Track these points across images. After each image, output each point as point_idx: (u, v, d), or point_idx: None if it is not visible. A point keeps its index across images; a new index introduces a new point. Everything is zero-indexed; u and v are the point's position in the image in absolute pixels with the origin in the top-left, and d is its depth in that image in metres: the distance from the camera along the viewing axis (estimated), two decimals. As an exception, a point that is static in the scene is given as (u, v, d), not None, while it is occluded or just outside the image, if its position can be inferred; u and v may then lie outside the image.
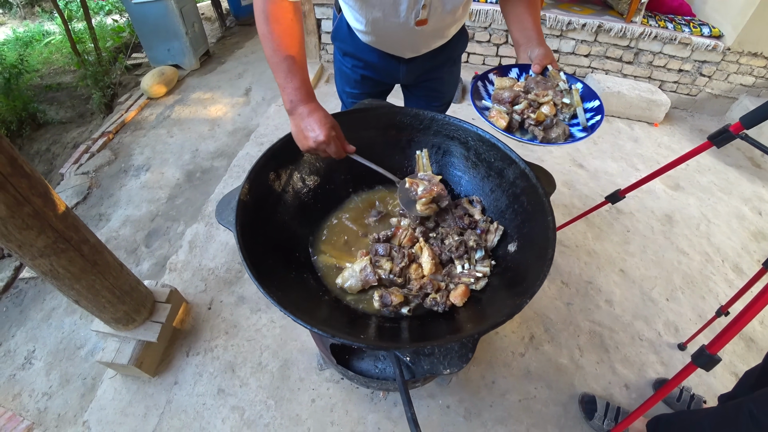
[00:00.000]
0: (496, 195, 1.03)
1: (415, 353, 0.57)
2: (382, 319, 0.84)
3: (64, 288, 1.36)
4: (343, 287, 0.89)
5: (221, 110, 3.26)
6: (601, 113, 0.95)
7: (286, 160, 0.99)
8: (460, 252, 0.88)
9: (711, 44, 3.07)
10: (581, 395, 1.55)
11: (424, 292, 0.84)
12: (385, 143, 1.12)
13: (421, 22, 1.02)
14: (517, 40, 1.05)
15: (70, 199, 2.66)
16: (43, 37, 5.64)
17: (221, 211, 0.83)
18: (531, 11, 1.02)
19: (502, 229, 0.95)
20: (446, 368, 0.56)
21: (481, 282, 0.87)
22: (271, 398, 1.54)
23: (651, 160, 2.89)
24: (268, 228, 0.89)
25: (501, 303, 0.80)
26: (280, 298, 0.69)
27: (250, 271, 0.71)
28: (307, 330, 0.96)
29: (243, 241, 0.77)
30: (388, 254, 0.91)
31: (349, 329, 0.78)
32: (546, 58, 0.99)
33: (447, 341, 0.57)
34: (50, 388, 1.77)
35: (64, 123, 4.14)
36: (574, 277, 2.01)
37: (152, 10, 3.38)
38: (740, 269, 2.23)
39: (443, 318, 0.83)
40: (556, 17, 3.10)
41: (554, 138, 0.93)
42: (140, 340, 1.61)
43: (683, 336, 1.83)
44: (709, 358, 0.94)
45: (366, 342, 0.59)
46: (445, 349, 0.57)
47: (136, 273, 2.20)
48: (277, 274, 0.81)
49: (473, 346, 0.58)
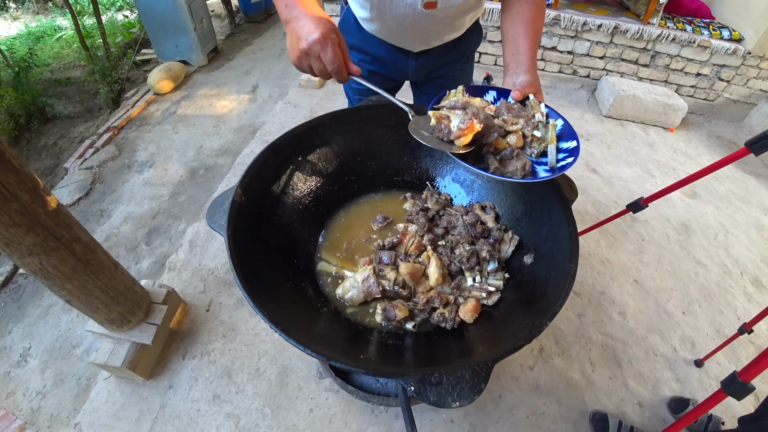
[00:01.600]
0: (511, 201, 0.96)
1: (421, 382, 0.50)
2: (385, 335, 0.77)
3: (55, 288, 1.31)
4: (344, 298, 0.82)
5: (227, 107, 3.22)
6: (576, 155, 0.77)
7: (287, 159, 0.93)
8: (471, 263, 0.81)
9: (731, 48, 2.96)
10: (592, 413, 1.48)
11: (431, 306, 0.78)
12: (394, 143, 1.05)
13: (429, 5, 0.94)
14: (506, 64, 0.92)
15: (72, 194, 2.63)
16: (55, 32, 5.67)
17: (213, 214, 0.77)
18: (528, 34, 0.91)
19: (517, 239, 0.87)
20: (455, 400, 0.49)
21: (493, 297, 0.80)
22: (268, 406, 1.48)
23: (666, 166, 2.79)
24: (265, 232, 0.83)
25: (516, 322, 0.73)
26: (271, 312, 0.62)
27: (239, 280, 0.65)
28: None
29: (234, 246, 0.71)
30: (393, 263, 0.85)
31: (348, 347, 0.72)
32: (530, 87, 0.85)
33: (456, 367, 0.50)
34: (44, 387, 1.73)
35: (72, 117, 4.14)
36: (587, 287, 1.93)
37: (160, 5, 3.36)
38: (760, 282, 2.13)
39: (451, 336, 0.76)
40: (571, 17, 3.01)
41: (510, 172, 0.76)
42: (135, 342, 1.56)
43: (700, 352, 1.74)
44: (742, 386, 0.86)
45: (365, 366, 0.52)
46: (455, 378, 0.50)
47: (136, 271, 2.17)
48: (272, 283, 0.75)
49: (486, 375, 0.51)
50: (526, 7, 0.94)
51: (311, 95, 3.07)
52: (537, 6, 0.94)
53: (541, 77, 3.44)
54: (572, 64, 3.26)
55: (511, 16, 0.96)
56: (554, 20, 3.05)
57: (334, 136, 0.99)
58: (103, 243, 2.29)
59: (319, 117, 0.97)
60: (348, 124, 0.98)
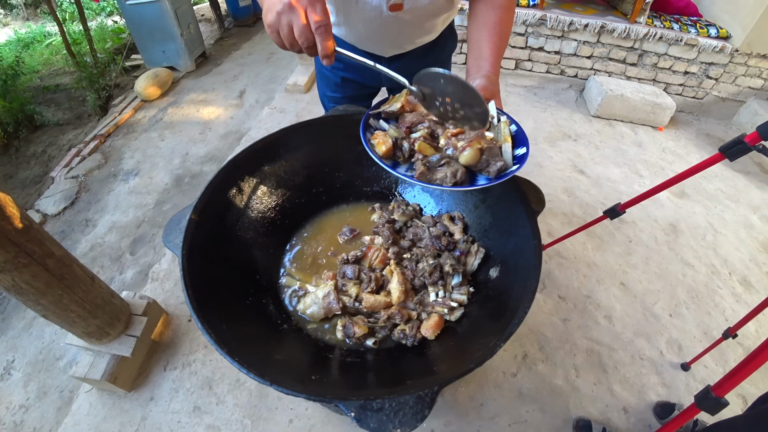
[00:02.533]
0: (479, 212, 0.95)
1: (362, 408, 0.49)
2: (345, 353, 0.76)
3: (29, 303, 1.29)
4: (305, 314, 0.81)
5: (214, 113, 3.21)
6: (522, 163, 0.73)
7: (251, 172, 0.92)
8: (435, 278, 0.79)
9: (718, 45, 2.95)
10: (576, 419, 1.46)
11: (392, 323, 0.76)
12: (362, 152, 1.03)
13: (395, 7, 0.92)
14: (468, 69, 0.89)
15: (58, 204, 2.61)
16: (44, 38, 5.64)
17: (169, 232, 0.76)
18: (492, 39, 0.88)
19: (483, 251, 0.86)
20: (397, 427, 0.47)
21: (456, 312, 0.78)
22: (248, 417, 1.47)
23: (655, 165, 2.78)
24: (225, 249, 0.82)
25: (480, 338, 0.71)
26: (221, 333, 0.61)
27: (190, 300, 0.64)
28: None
29: (188, 265, 0.70)
30: (357, 277, 0.84)
31: (305, 365, 0.71)
32: (484, 90, 0.80)
33: (399, 393, 0.49)
34: (27, 400, 1.72)
35: (60, 125, 4.11)
36: (572, 290, 1.92)
37: (147, 11, 3.34)
38: (748, 282, 2.11)
39: (413, 353, 0.74)
40: (557, 17, 3.00)
41: (437, 179, 0.72)
42: (114, 354, 1.55)
43: (687, 355, 1.73)
44: (716, 401, 0.84)
45: (304, 391, 0.51)
46: (398, 404, 0.49)
47: (120, 281, 2.15)
48: (229, 302, 0.74)
49: (431, 401, 0.49)
50: (492, 12, 0.92)
51: (297, 100, 3.05)
52: (503, 10, 0.92)
53: (529, 77, 3.43)
54: (560, 64, 3.25)
55: (476, 20, 0.94)
56: (540, 20, 3.04)
57: (300, 147, 0.98)
58: (87, 253, 2.28)
59: (285, 128, 0.95)
60: (314, 134, 0.97)
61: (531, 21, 3.05)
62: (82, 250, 2.27)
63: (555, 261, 2.04)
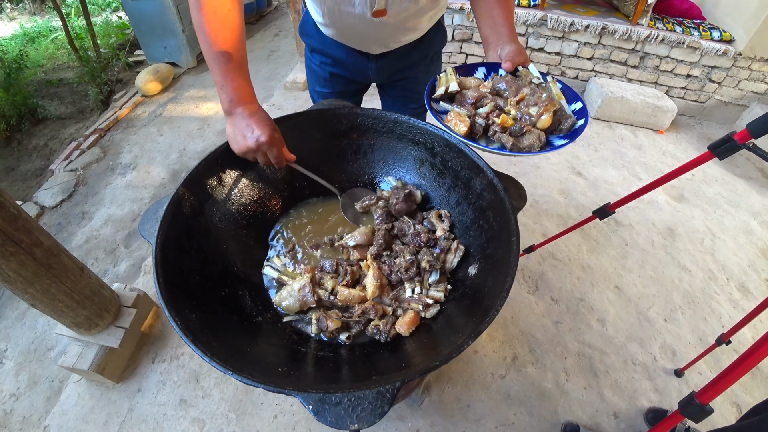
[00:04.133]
0: (462, 208, 0.94)
1: (321, 401, 0.48)
2: (319, 347, 0.75)
3: (17, 291, 1.30)
4: (281, 306, 0.80)
5: (213, 109, 3.21)
6: (585, 117, 0.82)
7: (233, 165, 0.91)
8: (411, 273, 0.78)
9: (721, 49, 2.92)
10: (564, 424, 1.44)
11: (367, 318, 0.75)
12: (346, 146, 1.03)
13: (378, 13, 0.92)
14: (486, 38, 0.94)
15: (56, 197, 2.63)
16: (50, 32, 5.68)
17: (145, 222, 0.75)
18: (502, 5, 0.91)
19: (462, 249, 0.85)
20: (354, 422, 0.47)
21: (431, 309, 0.77)
22: (233, 412, 1.47)
23: (654, 169, 2.76)
24: (203, 240, 0.81)
25: (453, 335, 0.70)
26: (187, 322, 0.60)
27: (159, 290, 0.63)
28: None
29: (161, 254, 0.69)
30: (335, 270, 0.83)
31: (277, 356, 0.70)
32: (519, 55, 0.88)
33: (358, 388, 0.48)
34: (18, 389, 1.72)
35: (63, 119, 4.14)
36: (565, 293, 1.90)
37: (148, 7, 3.36)
38: (746, 289, 2.08)
39: (386, 349, 0.73)
40: (558, 18, 2.98)
41: (527, 146, 0.79)
42: (103, 345, 1.55)
43: (681, 361, 1.70)
44: (700, 408, 0.83)
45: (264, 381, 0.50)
46: (356, 399, 0.48)
47: (113, 274, 2.16)
48: (204, 291, 0.73)
49: (391, 398, 0.48)
50: None
51: (296, 97, 3.05)
52: None
53: (532, 79, 3.40)
54: (560, 66, 3.23)
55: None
56: (541, 21, 3.02)
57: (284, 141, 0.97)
58: (83, 245, 2.29)
59: (268, 122, 0.95)
60: (297, 128, 0.96)
61: (531, 21, 3.04)
62: (78, 242, 2.28)
63: (549, 263, 2.03)
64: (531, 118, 0.80)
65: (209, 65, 0.78)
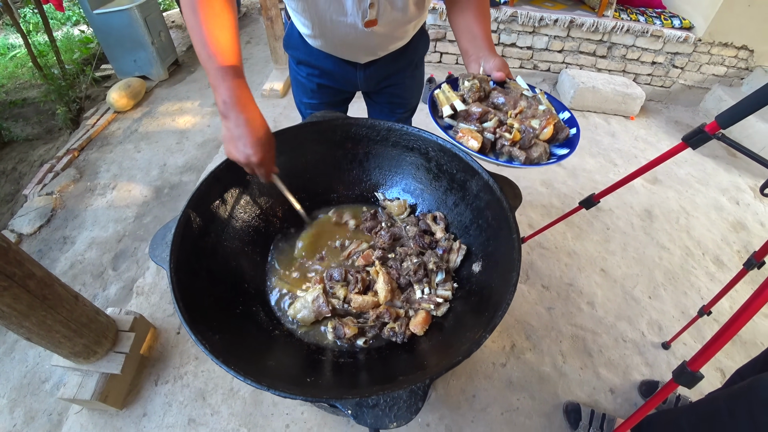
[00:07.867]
0: (459, 209, 0.98)
1: (358, 405, 0.51)
2: (337, 354, 0.77)
3: (12, 326, 1.26)
4: (296, 318, 0.82)
5: (190, 121, 3.16)
6: (576, 126, 0.87)
7: (233, 183, 0.92)
8: (419, 275, 0.82)
9: (682, 36, 3.07)
10: (565, 404, 1.51)
11: (381, 322, 0.78)
12: (341, 157, 1.06)
13: (370, 23, 0.94)
14: (466, 50, 0.97)
15: (33, 223, 2.53)
16: (8, 50, 5.43)
17: (155, 247, 0.76)
18: (480, 20, 0.95)
19: (465, 248, 0.89)
20: (393, 421, 0.50)
21: (442, 308, 0.81)
22: (244, 426, 1.47)
23: (628, 154, 2.88)
24: (212, 260, 0.82)
25: (466, 331, 0.74)
26: (214, 343, 0.62)
27: (181, 314, 0.64)
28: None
29: (176, 278, 0.70)
30: (344, 279, 0.85)
31: (299, 369, 0.72)
32: (505, 67, 0.92)
33: (393, 388, 0.51)
34: (14, 426, 1.67)
35: (30, 140, 3.97)
36: (555, 280, 1.98)
37: (115, 20, 3.26)
38: (721, 261, 2.22)
39: (403, 350, 0.76)
40: (528, 13, 3.07)
41: (536, 158, 0.82)
42: (103, 372, 1.52)
43: (667, 335, 1.81)
44: (691, 375, 0.90)
45: (302, 393, 0.52)
46: (392, 399, 0.51)
47: (103, 298, 2.11)
48: (219, 312, 0.74)
49: (424, 394, 0.52)
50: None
51: (274, 105, 3.04)
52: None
53: (506, 73, 3.49)
54: (532, 59, 3.32)
55: (459, 5, 0.99)
56: (512, 17, 3.10)
57: (279, 155, 0.98)
58: (67, 271, 2.23)
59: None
60: (291, 142, 0.98)
61: (502, 18, 3.12)
62: (62, 268, 2.21)
63: (537, 252, 2.10)
64: (534, 130, 0.83)
65: (204, 66, 0.77)
